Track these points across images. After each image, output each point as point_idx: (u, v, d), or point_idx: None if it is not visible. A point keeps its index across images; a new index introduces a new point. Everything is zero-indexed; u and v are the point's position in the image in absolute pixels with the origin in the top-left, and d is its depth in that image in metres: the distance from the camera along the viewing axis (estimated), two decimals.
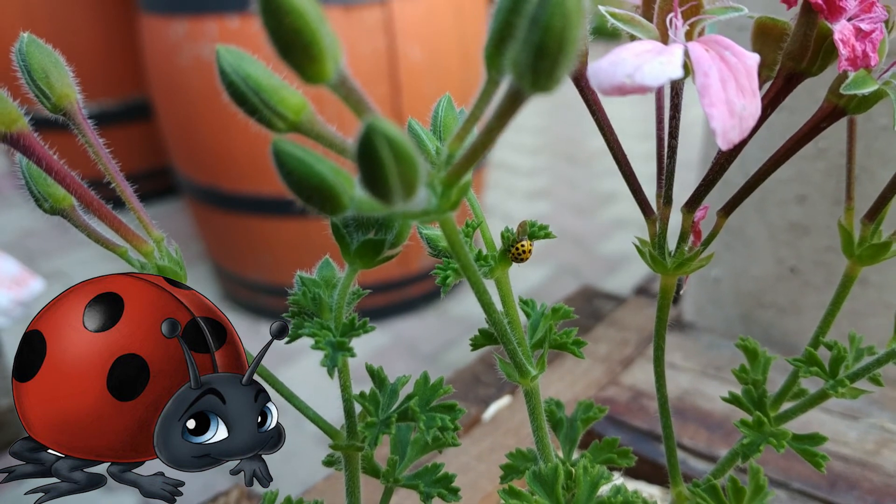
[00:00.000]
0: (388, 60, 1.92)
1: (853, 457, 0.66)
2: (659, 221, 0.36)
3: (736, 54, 0.27)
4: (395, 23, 1.89)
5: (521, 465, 0.39)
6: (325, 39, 0.21)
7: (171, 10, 1.92)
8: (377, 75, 1.91)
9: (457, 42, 2.05)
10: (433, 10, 1.97)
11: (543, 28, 0.19)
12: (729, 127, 0.26)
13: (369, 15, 1.87)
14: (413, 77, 1.96)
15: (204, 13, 1.85)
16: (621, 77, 0.25)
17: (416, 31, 1.94)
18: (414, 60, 1.96)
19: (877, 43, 0.30)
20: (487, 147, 0.24)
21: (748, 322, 0.81)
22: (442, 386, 0.33)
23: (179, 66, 1.94)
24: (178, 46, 1.92)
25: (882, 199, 0.36)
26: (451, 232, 0.28)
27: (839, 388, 0.34)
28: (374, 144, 0.20)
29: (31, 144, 0.28)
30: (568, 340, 0.36)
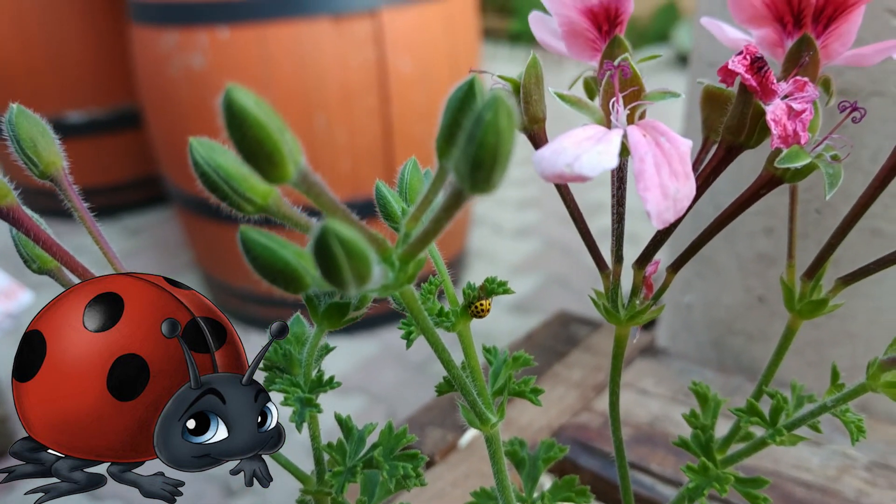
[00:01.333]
0: (378, 72, 1.94)
1: (815, 483, 0.68)
2: (612, 277, 0.39)
3: (670, 140, 0.29)
4: (385, 34, 1.91)
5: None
6: (285, 147, 0.23)
7: (162, 21, 1.94)
8: (367, 86, 1.93)
9: (446, 53, 2.07)
10: (423, 21, 1.99)
11: (478, 144, 0.21)
12: (663, 209, 0.28)
13: (359, 26, 1.89)
14: (403, 88, 1.99)
15: (194, 24, 1.87)
16: (561, 166, 0.27)
17: (405, 42, 1.96)
18: (404, 72, 1.98)
19: (807, 122, 0.32)
20: (438, 233, 0.26)
21: (719, 348, 0.84)
22: (406, 435, 0.35)
23: (169, 76, 1.96)
24: (168, 57, 1.94)
25: (820, 259, 0.38)
26: (410, 300, 0.30)
27: (777, 437, 0.36)
28: (329, 246, 0.22)
29: (20, 217, 0.31)
30: (526, 389, 0.38)
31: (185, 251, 2.59)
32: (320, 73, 1.87)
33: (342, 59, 1.89)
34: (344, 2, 1.86)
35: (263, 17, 1.83)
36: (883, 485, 0.68)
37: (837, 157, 0.35)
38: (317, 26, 1.85)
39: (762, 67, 0.32)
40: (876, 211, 0.71)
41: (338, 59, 1.89)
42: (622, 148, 0.30)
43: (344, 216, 0.26)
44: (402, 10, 1.93)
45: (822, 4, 0.37)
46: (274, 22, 1.83)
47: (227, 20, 1.84)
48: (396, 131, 2.01)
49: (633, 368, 0.81)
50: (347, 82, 1.91)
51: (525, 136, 0.40)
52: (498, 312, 2.18)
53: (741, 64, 0.32)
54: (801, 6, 0.37)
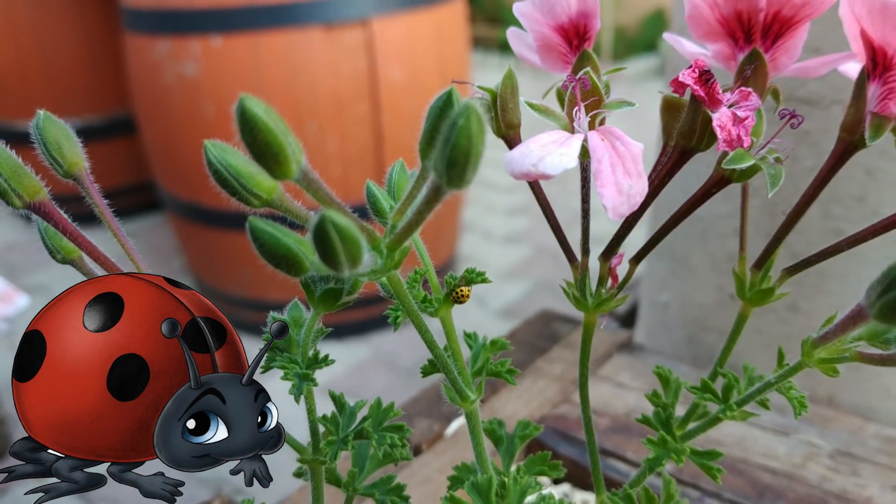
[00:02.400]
0: (369, 80, 1.98)
1: (781, 469, 0.72)
2: (580, 268, 0.43)
3: (625, 144, 0.33)
4: (376, 43, 1.95)
5: (465, 477, 0.45)
6: (289, 148, 0.27)
7: (155, 29, 1.97)
8: (358, 94, 1.97)
9: (436, 62, 2.11)
10: (413, 30, 2.03)
11: (453, 146, 0.25)
12: (618, 203, 0.32)
13: (351, 35, 1.93)
14: (393, 96, 2.02)
15: (187, 33, 1.90)
16: (527, 166, 0.31)
17: (396, 51, 2.00)
18: (394, 80, 2.02)
19: (749, 128, 0.37)
20: (420, 224, 0.30)
21: (694, 344, 0.88)
22: (393, 410, 0.39)
23: (163, 83, 1.99)
24: (161, 64, 1.97)
25: (767, 251, 0.42)
26: (396, 285, 0.34)
27: (728, 413, 0.40)
28: (326, 231, 0.26)
29: (51, 211, 0.34)
30: (502, 369, 0.42)
31: (178, 256, 2.63)
32: (312, 81, 1.91)
33: (333, 67, 1.93)
34: (336, 11, 1.90)
35: (256, 25, 1.87)
36: (845, 472, 0.72)
37: (780, 159, 0.39)
38: (309, 35, 1.89)
39: (709, 79, 0.36)
40: (839, 212, 0.75)
41: (329, 67, 1.92)
42: (583, 150, 0.34)
43: (339, 208, 0.30)
44: (393, 19, 1.97)
45: (770, 22, 0.41)
46: (266, 31, 1.86)
47: (220, 29, 1.88)
48: (387, 138, 2.04)
49: (611, 363, 0.85)
50: (339, 90, 1.94)
51: (503, 140, 0.44)
52: (488, 317, 2.22)
53: (690, 76, 0.36)
54: (750, 24, 0.41)
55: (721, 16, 0.41)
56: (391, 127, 2.03)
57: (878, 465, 0.72)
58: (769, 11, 0.40)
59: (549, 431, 0.75)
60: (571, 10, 0.41)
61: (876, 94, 0.38)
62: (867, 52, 0.38)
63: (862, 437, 0.76)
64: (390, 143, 2.04)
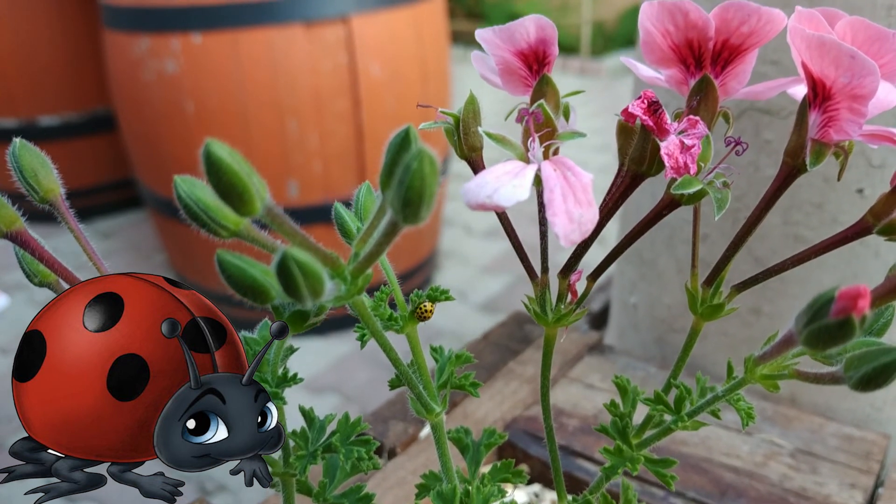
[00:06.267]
0: (350, 76, 1.99)
1: (743, 468, 0.75)
2: (540, 284, 0.45)
3: (576, 174, 0.35)
4: (356, 40, 1.96)
5: (432, 485, 0.47)
6: (253, 188, 0.29)
7: (135, 26, 1.97)
8: (338, 91, 1.98)
9: (416, 58, 2.13)
10: (393, 27, 2.04)
11: (407, 187, 0.27)
12: (569, 231, 0.34)
13: (331, 32, 1.93)
14: (373, 93, 2.04)
15: (167, 30, 1.90)
16: (483, 198, 0.33)
17: (376, 47, 2.01)
18: (374, 76, 2.03)
19: (696, 156, 0.39)
20: (381, 254, 0.32)
21: (662, 345, 0.91)
22: (360, 424, 0.41)
23: (142, 80, 1.99)
24: (141, 62, 1.97)
25: (716, 269, 0.44)
26: (360, 309, 0.36)
27: (680, 423, 0.43)
28: (288, 267, 0.28)
29: (28, 240, 0.36)
30: (466, 382, 0.44)
31: (159, 253, 2.63)
32: (292, 78, 1.92)
33: (314, 64, 1.93)
34: (316, 8, 1.90)
35: (236, 23, 1.87)
36: (805, 470, 0.75)
37: (727, 183, 0.41)
38: (289, 32, 1.90)
39: (657, 110, 0.38)
40: (798, 219, 0.78)
41: (309, 64, 1.93)
42: (537, 178, 0.36)
43: (303, 241, 0.31)
44: (373, 16, 1.98)
45: (720, 49, 0.43)
46: (247, 28, 1.87)
47: (200, 26, 1.88)
48: (367, 134, 2.06)
49: (581, 364, 0.88)
50: (319, 87, 1.95)
51: (466, 162, 0.46)
52: (469, 312, 2.24)
53: (639, 107, 0.38)
54: (701, 51, 0.43)
55: (673, 43, 0.43)
56: (371, 123, 2.04)
57: (837, 464, 0.75)
58: (718, 40, 0.42)
59: (520, 433, 0.78)
60: (530, 37, 0.43)
61: (817, 121, 0.40)
62: (808, 82, 0.40)
63: (822, 435, 0.79)
64: (370, 139, 2.05)
